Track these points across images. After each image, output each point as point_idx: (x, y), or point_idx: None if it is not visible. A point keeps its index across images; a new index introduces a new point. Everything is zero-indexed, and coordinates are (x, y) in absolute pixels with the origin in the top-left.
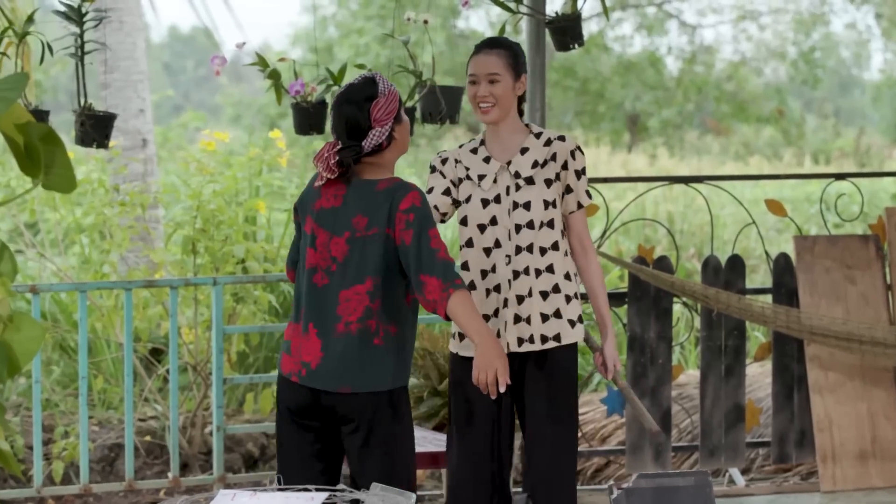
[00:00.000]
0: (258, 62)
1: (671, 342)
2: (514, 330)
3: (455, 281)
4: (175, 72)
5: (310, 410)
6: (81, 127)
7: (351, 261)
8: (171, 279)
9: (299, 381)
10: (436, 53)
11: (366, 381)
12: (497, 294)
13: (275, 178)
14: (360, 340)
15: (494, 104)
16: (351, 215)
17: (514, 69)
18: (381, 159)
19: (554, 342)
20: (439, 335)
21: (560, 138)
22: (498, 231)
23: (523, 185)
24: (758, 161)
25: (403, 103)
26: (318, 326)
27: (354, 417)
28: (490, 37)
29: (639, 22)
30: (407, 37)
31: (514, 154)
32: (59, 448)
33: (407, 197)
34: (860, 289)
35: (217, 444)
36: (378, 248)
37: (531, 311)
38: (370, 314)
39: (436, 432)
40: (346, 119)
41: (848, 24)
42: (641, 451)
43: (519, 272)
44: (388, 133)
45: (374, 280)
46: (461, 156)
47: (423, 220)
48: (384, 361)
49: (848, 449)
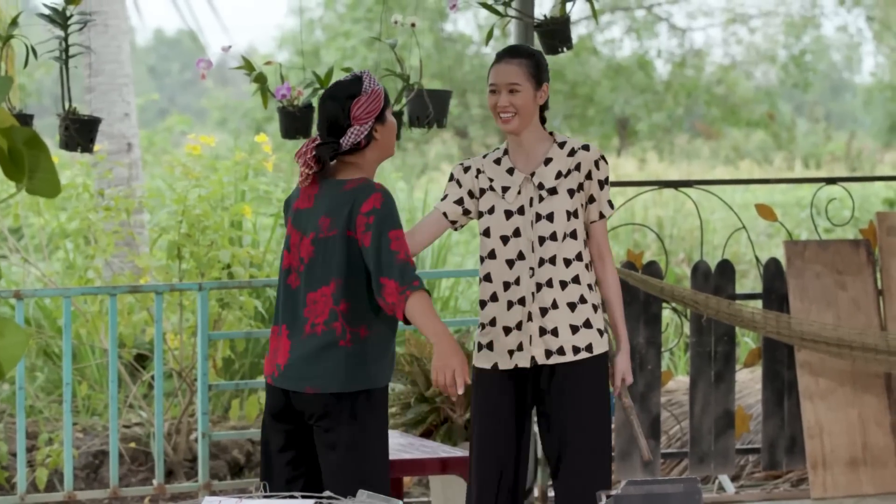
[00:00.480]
0: (244, 66)
1: (660, 348)
2: (540, 343)
3: (413, 283)
4: (160, 75)
5: (285, 412)
6: (66, 131)
7: (316, 262)
8: (156, 284)
9: (273, 383)
10: (423, 57)
11: (329, 382)
12: (521, 307)
13: (261, 182)
14: (326, 342)
15: (515, 114)
16: (317, 216)
17: (535, 78)
18: (360, 159)
19: (586, 353)
20: (426, 341)
21: (584, 147)
22: (521, 243)
23: (546, 196)
24: (748, 165)
25: (391, 105)
26: (290, 328)
27: (321, 419)
28: (511, 45)
29: (628, 25)
30: (394, 40)
31: (537, 165)
32: (42, 455)
33: (369, 199)
34: (851, 294)
35: (202, 451)
36: (340, 249)
37: (557, 323)
38: (335, 316)
39: (423, 439)
40: (326, 115)
41: (839, 27)
42: (630, 457)
43: (542, 284)
44: (368, 132)
45: (337, 282)
46: (484, 166)
47: (382, 222)
48: (350, 363)
49: (839, 456)
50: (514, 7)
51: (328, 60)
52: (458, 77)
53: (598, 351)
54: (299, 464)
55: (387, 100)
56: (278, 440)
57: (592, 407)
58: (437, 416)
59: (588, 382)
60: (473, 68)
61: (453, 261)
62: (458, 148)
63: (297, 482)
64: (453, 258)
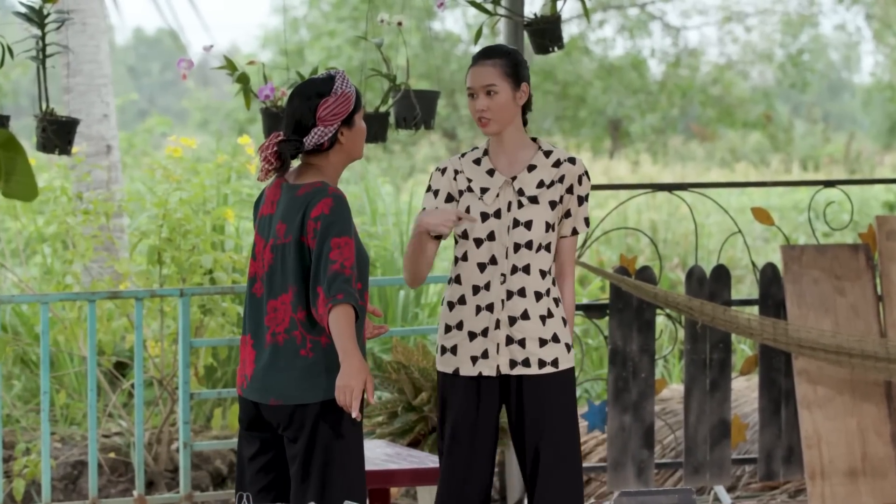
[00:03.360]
0: (226, 65)
1: (654, 355)
2: (506, 352)
3: (336, 296)
4: (140, 75)
5: (256, 423)
6: (43, 133)
7: (275, 269)
8: (136, 290)
9: (243, 394)
10: (410, 56)
11: (291, 394)
12: (489, 313)
13: (244, 185)
14: (286, 352)
15: (493, 117)
16: (276, 222)
17: (512, 78)
18: (322, 162)
19: (552, 367)
20: (414, 348)
21: (570, 160)
22: (495, 247)
23: (526, 203)
24: (744, 168)
25: (362, 109)
26: (255, 338)
27: (288, 430)
28: (486, 46)
29: (621, 24)
30: (380, 39)
31: (520, 170)
32: (20, 465)
33: (319, 204)
34: (850, 300)
35: (184, 462)
36: (295, 256)
37: (525, 334)
38: (295, 325)
39: (410, 448)
40: (292, 112)
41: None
42: (623, 467)
43: (513, 293)
44: (333, 135)
45: (294, 289)
46: (463, 166)
47: (327, 229)
48: (312, 373)
49: (837, 466)
50: (504, 5)
51: (312, 60)
52: (446, 77)
53: (564, 366)
54: (270, 470)
55: (357, 104)
56: (251, 449)
57: (562, 422)
58: (424, 425)
59: (555, 397)
60: (462, 68)
61: (441, 266)
62: (446, 150)
63: (270, 492)
64: (441, 263)
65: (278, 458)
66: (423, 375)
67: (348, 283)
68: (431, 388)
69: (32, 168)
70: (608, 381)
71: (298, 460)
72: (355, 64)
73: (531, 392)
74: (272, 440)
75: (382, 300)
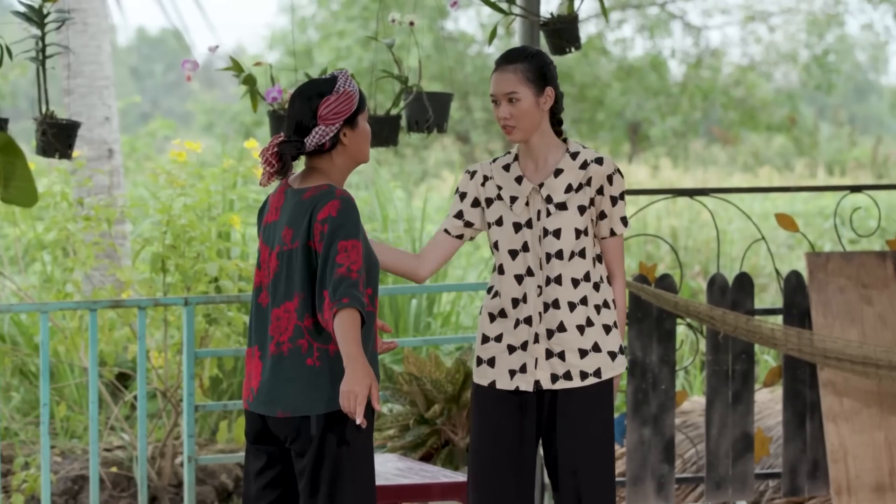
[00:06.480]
0: (232, 66)
1: (675, 366)
2: (546, 366)
3: (342, 299)
4: (143, 76)
5: (263, 436)
6: (43, 136)
7: (280, 276)
8: (139, 299)
9: (249, 408)
10: (422, 57)
11: (298, 405)
12: (528, 326)
13: (250, 191)
14: (292, 361)
15: (517, 125)
16: (281, 228)
17: (535, 83)
18: (326, 164)
19: (594, 378)
20: (426, 359)
21: (598, 161)
22: (530, 258)
23: (554, 210)
24: (768, 172)
25: (365, 110)
26: (261, 349)
27: (295, 444)
28: (509, 49)
29: (640, 23)
30: (392, 39)
31: (547, 175)
32: (18, 480)
33: (326, 206)
34: (877, 309)
35: (188, 476)
36: (302, 261)
37: (565, 346)
38: (300, 333)
39: (423, 463)
40: (293, 112)
41: (864, 25)
42: (643, 482)
43: (549, 305)
44: (335, 135)
45: (300, 296)
46: (493, 172)
47: (335, 231)
48: (318, 382)
49: (864, 481)
50: (519, 4)
51: (321, 61)
52: (459, 79)
53: (607, 376)
54: (278, 486)
55: (361, 104)
56: (258, 463)
57: (599, 434)
58: (437, 438)
59: (594, 409)
60: (476, 69)
61: (454, 274)
62: (459, 154)
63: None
64: (455, 271)
65: (286, 472)
66: (436, 387)
67: (355, 286)
68: (444, 401)
69: (32, 172)
70: (627, 393)
71: (306, 475)
72: (365, 65)
73: (571, 404)
74: (279, 454)
75: (394, 309)
